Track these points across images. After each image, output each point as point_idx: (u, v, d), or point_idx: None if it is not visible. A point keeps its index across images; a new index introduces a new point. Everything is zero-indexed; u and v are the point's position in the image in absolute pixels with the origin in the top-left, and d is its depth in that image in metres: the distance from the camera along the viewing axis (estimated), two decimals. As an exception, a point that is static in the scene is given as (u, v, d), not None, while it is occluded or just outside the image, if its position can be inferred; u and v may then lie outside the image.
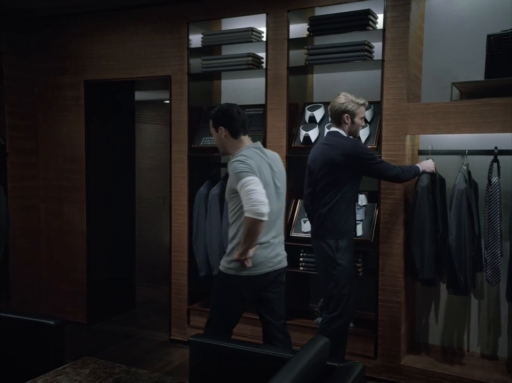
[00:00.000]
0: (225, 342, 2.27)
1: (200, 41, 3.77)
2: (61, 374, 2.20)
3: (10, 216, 4.01)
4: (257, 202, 2.35)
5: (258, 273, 2.57)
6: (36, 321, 2.46)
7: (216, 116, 2.66)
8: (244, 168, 2.46)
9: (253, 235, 2.42)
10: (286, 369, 1.59)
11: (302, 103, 3.65)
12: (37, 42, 4.30)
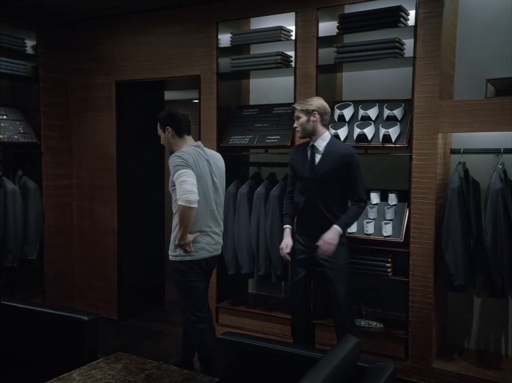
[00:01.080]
0: (256, 340, 2.28)
1: (229, 41, 3.79)
2: (95, 368, 2.25)
3: (44, 214, 4.12)
4: (186, 191, 2.66)
5: (201, 257, 2.89)
6: (71, 316, 2.52)
7: (163, 118, 2.98)
8: (179, 162, 2.77)
9: (185, 221, 2.72)
10: (317, 369, 1.59)
11: (331, 102, 3.62)
12: (72, 44, 4.40)
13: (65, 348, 2.51)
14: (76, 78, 4.42)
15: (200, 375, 2.23)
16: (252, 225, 3.71)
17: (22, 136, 4.01)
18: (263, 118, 3.87)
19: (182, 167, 2.75)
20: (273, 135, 3.73)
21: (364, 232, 3.35)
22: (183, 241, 2.79)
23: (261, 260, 3.69)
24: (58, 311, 2.58)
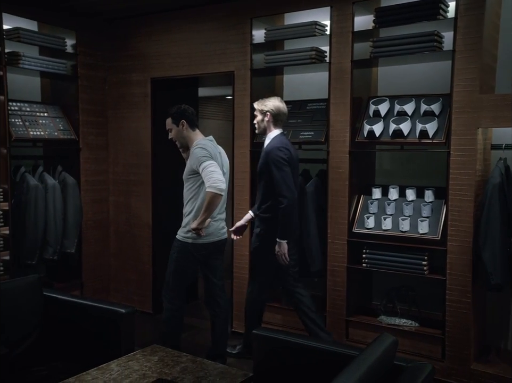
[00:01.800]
0: (289, 336, 2.28)
1: (263, 37, 3.79)
2: (132, 359, 2.31)
3: (82, 209, 4.24)
4: (217, 180, 2.92)
5: (210, 241, 3.16)
6: (109, 308, 2.59)
7: (177, 113, 3.23)
8: (205, 154, 3.04)
9: (212, 207, 2.97)
10: (352, 367, 1.58)
11: (366, 97, 3.58)
12: (109, 43, 4.49)
13: (103, 340, 2.58)
14: (113, 76, 4.51)
15: (234, 369, 2.25)
16: (285, 221, 3.70)
17: (61, 133, 4.12)
18: (296, 114, 3.85)
19: (208, 159, 3.01)
20: (306, 131, 3.71)
21: (400, 229, 3.30)
22: (202, 226, 3.01)
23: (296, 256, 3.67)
24: (97, 304, 2.66)
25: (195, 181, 3.13)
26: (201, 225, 3.00)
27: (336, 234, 3.56)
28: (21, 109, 3.93)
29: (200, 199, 3.11)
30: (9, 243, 3.70)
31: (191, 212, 3.13)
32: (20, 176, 3.84)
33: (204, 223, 3.01)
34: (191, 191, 3.15)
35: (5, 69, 3.62)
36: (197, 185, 3.13)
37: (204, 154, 3.04)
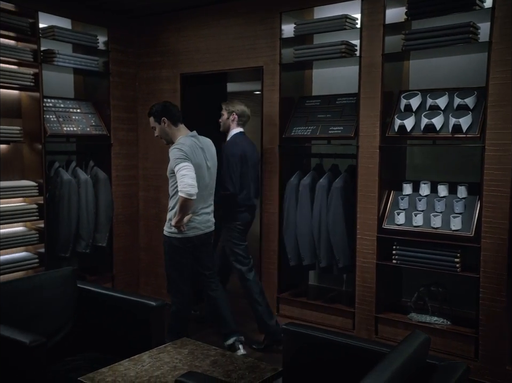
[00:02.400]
0: (319, 332, 2.28)
1: (292, 31, 3.76)
2: (163, 352, 2.34)
3: (113, 203, 4.31)
4: (187, 185, 2.98)
5: (194, 234, 3.25)
6: (140, 301, 2.64)
7: (157, 111, 3.26)
8: (180, 155, 3.08)
9: (184, 209, 3.08)
10: (384, 364, 1.56)
11: (397, 91, 3.52)
12: (139, 39, 4.54)
13: (134, 331, 2.63)
14: (143, 72, 4.57)
15: (263, 363, 2.26)
16: (313, 217, 3.69)
17: (93, 129, 4.20)
18: (326, 108, 3.82)
19: (182, 161, 3.06)
20: (336, 126, 3.68)
21: (431, 225, 3.24)
22: (180, 224, 3.14)
23: (323, 252, 3.66)
24: (129, 297, 2.71)
25: (175, 179, 3.16)
26: (179, 223, 3.13)
27: (365, 230, 3.52)
28: (55, 105, 4.03)
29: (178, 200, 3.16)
30: (44, 236, 3.80)
31: (173, 208, 3.21)
32: (54, 171, 3.94)
33: (181, 221, 3.12)
34: (173, 188, 3.22)
35: (40, 66, 3.71)
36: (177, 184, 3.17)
37: (179, 156, 3.09)
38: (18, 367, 2.11)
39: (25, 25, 3.64)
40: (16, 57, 3.62)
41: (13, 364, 2.14)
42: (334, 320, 3.70)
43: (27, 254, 3.81)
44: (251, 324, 3.89)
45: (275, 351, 3.55)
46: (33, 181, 3.79)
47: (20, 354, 2.07)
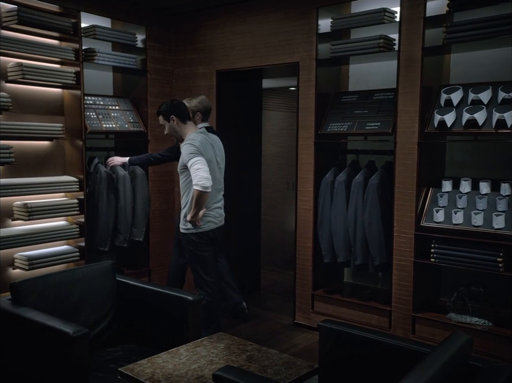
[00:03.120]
0: (356, 330, 2.26)
1: (329, 26, 3.73)
2: (200, 345, 2.37)
3: (150, 199, 4.39)
4: (202, 178, 3.02)
5: (209, 228, 3.31)
6: (177, 295, 2.68)
7: (166, 109, 3.29)
8: (192, 150, 3.12)
9: (200, 203, 3.11)
10: (424, 364, 1.54)
11: (437, 86, 3.43)
12: (176, 37, 4.60)
13: (171, 324, 2.67)
14: (180, 69, 4.62)
15: (299, 360, 2.26)
16: (349, 214, 3.66)
17: (131, 125, 4.29)
18: (362, 104, 3.77)
19: (195, 155, 3.10)
20: (373, 122, 3.63)
21: (472, 223, 3.15)
22: (195, 218, 3.17)
23: (358, 250, 3.63)
24: (166, 291, 2.75)
25: (187, 175, 3.21)
26: (194, 218, 3.16)
27: (402, 227, 3.47)
28: (95, 103, 4.13)
29: (193, 192, 3.19)
30: (84, 231, 3.91)
31: (186, 204, 3.25)
32: (94, 166, 4.04)
33: (196, 215, 3.15)
34: (185, 184, 3.26)
35: (82, 65, 3.81)
36: (190, 179, 3.20)
37: (192, 151, 3.12)
38: (62, 356, 2.18)
39: (68, 25, 3.74)
40: (59, 56, 3.73)
41: (56, 353, 2.21)
42: (370, 318, 3.66)
43: (68, 247, 3.93)
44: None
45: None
46: (74, 177, 3.90)
47: (64, 344, 2.14)
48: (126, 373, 2.06)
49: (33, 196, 3.66)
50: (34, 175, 3.77)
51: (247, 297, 4.73)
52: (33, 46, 3.57)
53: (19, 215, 3.61)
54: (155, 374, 2.05)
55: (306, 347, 3.62)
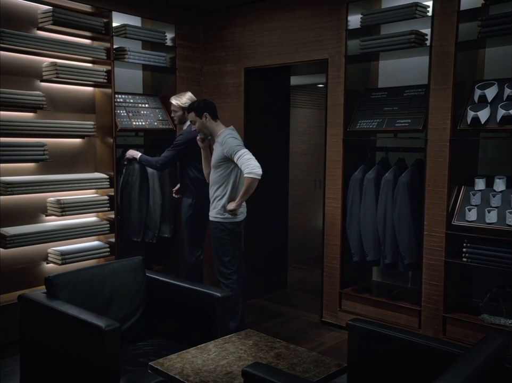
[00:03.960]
0: (385, 329, 2.23)
1: (358, 22, 3.68)
2: (228, 342, 2.38)
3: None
4: (255, 167, 3.24)
5: (242, 218, 3.54)
6: (206, 291, 2.69)
7: (199, 106, 3.48)
8: (238, 143, 3.35)
9: (250, 191, 3.32)
10: (458, 366, 1.51)
11: (470, 82, 3.35)
12: (205, 34, 4.62)
13: (200, 320, 2.69)
14: (208, 66, 4.65)
15: (328, 358, 2.24)
16: (378, 212, 3.61)
17: (160, 123, 4.34)
18: (392, 101, 3.72)
19: (241, 147, 3.33)
20: (403, 119, 3.57)
21: (507, 223, 3.07)
22: (239, 207, 3.41)
23: (388, 248, 3.58)
24: (195, 287, 2.77)
25: (226, 167, 3.40)
26: (238, 207, 3.39)
27: (432, 226, 3.40)
28: (125, 101, 4.19)
29: (231, 184, 3.43)
30: (115, 227, 3.98)
31: (224, 195, 3.43)
32: (127, 159, 4.10)
33: (240, 205, 3.40)
34: (222, 176, 3.43)
35: (113, 64, 3.87)
36: (228, 171, 3.41)
37: (237, 143, 3.34)
38: (94, 349, 2.23)
39: (99, 24, 3.80)
40: (91, 56, 3.80)
41: (88, 346, 2.26)
42: (399, 318, 3.61)
43: (99, 243, 4.00)
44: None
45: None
46: (105, 174, 3.97)
47: (96, 337, 2.18)
48: (156, 367, 2.09)
49: (65, 192, 3.74)
50: (66, 172, 3.86)
51: (274, 294, 4.75)
52: (66, 46, 3.65)
53: (52, 210, 3.70)
54: (184, 369, 2.07)
55: (334, 346, 3.60)
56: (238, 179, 3.46)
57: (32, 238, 3.53)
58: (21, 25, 3.54)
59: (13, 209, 3.59)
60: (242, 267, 3.65)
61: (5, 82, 3.48)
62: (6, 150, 3.38)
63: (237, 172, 3.42)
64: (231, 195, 3.44)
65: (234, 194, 3.45)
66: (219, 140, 3.44)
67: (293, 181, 5.71)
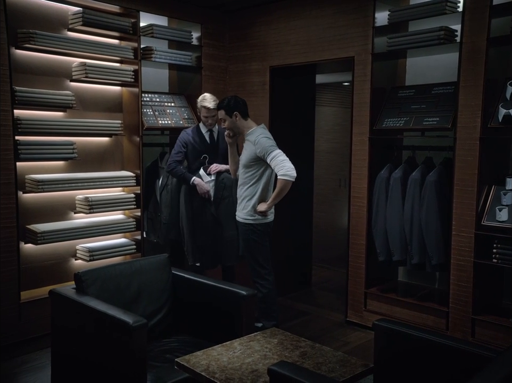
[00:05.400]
0: (412, 330, 2.20)
1: (386, 19, 3.63)
2: (253, 340, 2.38)
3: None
4: (290, 169, 3.17)
5: (272, 219, 3.49)
6: (231, 289, 2.70)
7: (229, 105, 3.40)
8: (271, 143, 3.28)
9: (284, 193, 3.26)
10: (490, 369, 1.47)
11: (502, 79, 3.27)
12: (230, 33, 4.63)
13: (224, 318, 2.70)
14: (233, 65, 4.66)
15: (354, 358, 2.22)
16: (405, 211, 3.56)
17: (186, 122, 4.37)
18: (420, 99, 3.66)
19: (275, 148, 3.27)
20: (431, 117, 3.51)
21: (539, 224, 2.99)
22: (270, 209, 3.38)
23: (415, 248, 3.53)
24: (220, 285, 2.78)
25: (257, 167, 3.34)
26: (270, 209, 3.37)
27: (461, 226, 3.34)
28: (152, 100, 4.24)
29: (262, 184, 3.36)
30: (141, 224, 4.02)
31: (254, 195, 3.38)
32: (165, 162, 4.07)
33: (272, 207, 3.37)
34: (253, 176, 3.37)
35: (140, 63, 3.92)
36: (260, 171, 3.35)
37: (271, 144, 3.27)
38: (121, 345, 2.26)
39: (127, 25, 3.85)
40: (119, 55, 3.85)
41: (116, 342, 2.29)
42: (426, 319, 3.56)
43: (125, 240, 4.06)
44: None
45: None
46: (131, 172, 4.03)
47: (123, 333, 2.22)
48: (182, 364, 2.11)
49: (93, 190, 3.81)
50: (94, 170, 3.92)
51: (298, 293, 4.74)
52: (95, 46, 3.71)
53: (81, 208, 3.77)
54: (210, 366, 2.08)
55: (359, 346, 3.57)
56: (270, 180, 3.41)
57: (61, 235, 3.61)
58: (52, 26, 3.62)
59: (43, 206, 3.68)
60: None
61: (37, 82, 3.57)
62: (37, 149, 3.46)
63: (269, 172, 3.37)
64: (261, 196, 3.38)
65: (264, 195, 3.39)
66: (250, 139, 3.37)
67: (318, 179, 5.68)
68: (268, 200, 3.36)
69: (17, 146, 3.37)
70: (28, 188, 3.51)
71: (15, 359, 3.28)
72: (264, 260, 3.48)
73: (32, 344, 3.43)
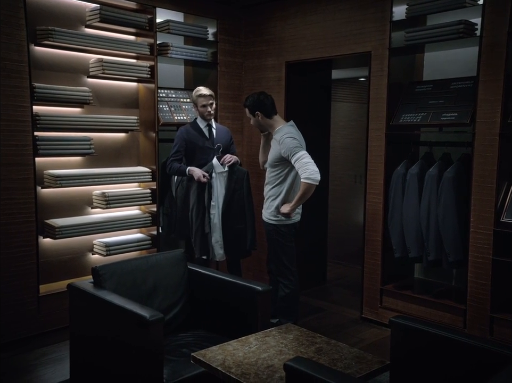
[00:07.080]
0: (429, 327, 2.18)
1: (403, 13, 3.59)
2: (269, 335, 2.39)
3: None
4: (314, 172, 3.10)
5: (297, 220, 3.44)
6: (246, 285, 2.71)
7: (251, 104, 3.34)
8: (296, 144, 3.18)
9: (307, 196, 3.20)
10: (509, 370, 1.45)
11: (522, 73, 3.21)
12: (246, 29, 4.62)
13: (240, 313, 2.71)
14: (249, 61, 4.65)
15: (370, 355, 2.21)
16: (422, 208, 3.53)
17: (202, 118, 4.37)
18: (438, 94, 3.61)
19: (300, 149, 3.17)
20: (449, 113, 3.46)
21: (560, 221, 2.94)
22: (294, 211, 3.31)
23: (431, 245, 3.49)
24: (236, 280, 2.79)
25: (282, 167, 3.29)
26: (292, 211, 3.30)
27: (479, 223, 3.30)
28: (168, 95, 4.25)
29: (287, 185, 3.32)
30: (157, 220, 4.05)
31: (278, 196, 3.34)
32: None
33: (295, 209, 3.30)
34: (278, 177, 3.32)
35: (156, 59, 3.94)
36: (285, 172, 3.30)
37: (295, 144, 3.18)
38: (138, 339, 2.28)
39: (144, 21, 3.87)
40: (135, 51, 3.87)
41: (133, 336, 2.31)
42: (442, 316, 3.52)
43: (141, 235, 4.10)
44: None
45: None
46: (147, 167, 4.05)
47: (141, 327, 2.24)
48: (199, 358, 2.12)
49: (110, 185, 3.85)
50: (111, 166, 3.96)
51: (313, 289, 4.73)
52: (112, 42, 3.74)
53: (98, 203, 3.81)
54: (226, 361, 2.09)
55: (374, 343, 3.55)
56: (295, 181, 3.34)
57: (78, 230, 3.65)
58: (70, 23, 3.65)
59: (61, 201, 3.72)
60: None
61: (54, 79, 3.61)
62: (55, 144, 3.50)
63: (294, 173, 3.30)
64: (286, 197, 3.34)
65: (289, 196, 3.35)
66: (276, 138, 3.31)
67: (333, 175, 5.64)
68: (291, 202, 3.30)
69: (36, 141, 3.41)
70: (46, 183, 3.56)
71: (35, 351, 3.33)
72: (288, 260, 3.44)
73: (51, 337, 3.49)
